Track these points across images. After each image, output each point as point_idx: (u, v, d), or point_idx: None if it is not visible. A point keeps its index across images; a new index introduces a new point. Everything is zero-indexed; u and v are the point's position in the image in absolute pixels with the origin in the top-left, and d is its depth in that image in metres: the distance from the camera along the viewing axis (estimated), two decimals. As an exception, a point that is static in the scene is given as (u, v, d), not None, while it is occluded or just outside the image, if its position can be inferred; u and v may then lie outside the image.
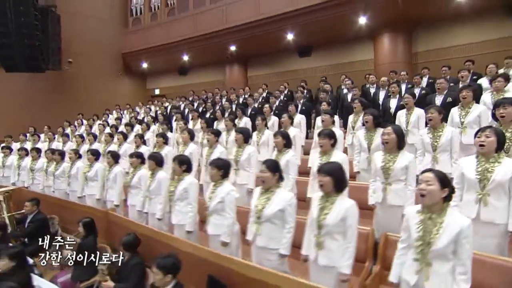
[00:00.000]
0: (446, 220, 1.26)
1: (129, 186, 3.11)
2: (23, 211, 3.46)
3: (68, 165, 4.07)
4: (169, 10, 8.65)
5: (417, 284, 1.30)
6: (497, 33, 5.43)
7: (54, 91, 8.97)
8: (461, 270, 1.22)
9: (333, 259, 1.56)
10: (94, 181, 3.62)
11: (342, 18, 5.82)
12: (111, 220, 3.07)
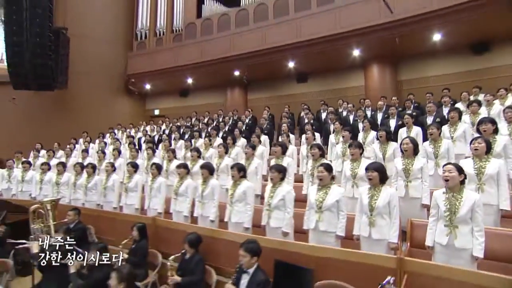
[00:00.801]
0: (464, 196, 1.92)
1: (176, 194, 3.54)
2: (65, 220, 3.73)
3: (101, 178, 4.41)
4: (174, 36, 9.35)
5: (448, 244, 1.92)
6: (465, 67, 6.62)
7: (55, 109, 9.19)
8: (477, 229, 1.86)
9: (383, 233, 2.14)
10: (133, 191, 4.00)
11: (338, 50, 6.80)
12: (159, 225, 3.44)
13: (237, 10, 8.12)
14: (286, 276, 2.20)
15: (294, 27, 6.83)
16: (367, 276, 1.89)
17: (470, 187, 2.39)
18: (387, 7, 5.29)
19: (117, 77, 10.28)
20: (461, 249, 1.88)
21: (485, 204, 2.29)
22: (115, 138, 7.12)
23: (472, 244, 1.86)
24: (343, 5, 6.45)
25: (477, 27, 5.84)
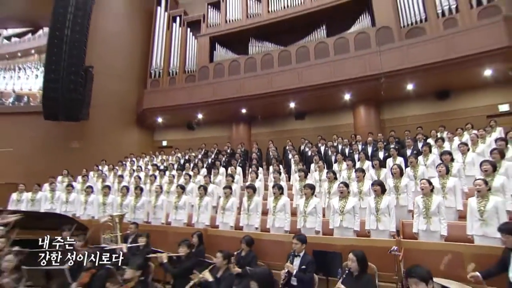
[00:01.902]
0: (433, 199, 3.21)
1: (223, 209, 4.61)
2: (128, 231, 4.64)
3: (148, 199, 5.40)
4: (187, 76, 10.78)
5: (426, 229, 3.16)
6: (433, 109, 8.39)
7: (72, 138, 9.99)
8: (442, 218, 3.14)
9: (386, 226, 3.37)
10: (182, 209, 5.01)
11: (331, 94, 8.41)
12: (210, 235, 4.45)
13: (246, 57, 9.76)
14: (323, 260, 3.32)
15: (296, 74, 8.44)
16: (378, 254, 3.05)
17: (438, 195, 3.72)
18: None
19: (130, 111, 11.40)
20: (434, 231, 3.13)
21: (448, 207, 3.62)
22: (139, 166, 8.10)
23: (440, 228, 3.12)
24: (336, 59, 8.18)
25: (439, 80, 7.64)
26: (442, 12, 7.89)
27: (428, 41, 7.25)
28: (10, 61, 9.65)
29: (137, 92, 11.51)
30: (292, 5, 9.75)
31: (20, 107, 9.89)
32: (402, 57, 7.35)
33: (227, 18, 10.68)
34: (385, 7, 8.17)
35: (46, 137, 9.78)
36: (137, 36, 12.00)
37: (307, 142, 7.86)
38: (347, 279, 2.53)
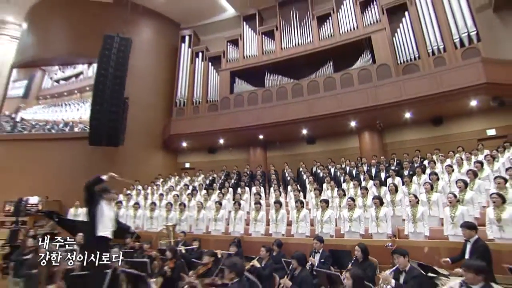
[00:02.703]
0: (418, 209, 4.40)
1: (255, 220, 5.82)
2: (178, 238, 5.86)
3: (190, 213, 6.66)
4: (209, 105, 12.32)
5: (414, 231, 4.33)
6: (429, 134, 9.59)
7: (106, 161, 11.37)
8: (425, 223, 4.31)
9: (384, 229, 4.55)
10: (220, 221, 6.24)
11: (339, 122, 9.73)
12: (245, 241, 5.64)
13: (263, 90, 11.26)
14: (337, 256, 4.47)
15: (307, 105, 9.82)
16: (378, 251, 4.20)
17: (423, 206, 4.91)
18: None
19: (157, 136, 12.88)
20: (419, 233, 4.31)
21: (432, 216, 4.79)
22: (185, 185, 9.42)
23: (424, 230, 4.30)
24: (342, 92, 9.57)
25: (433, 109, 8.91)
26: (432, 51, 9.31)
27: (421, 77, 8.60)
28: (58, 99, 11.34)
29: (163, 120, 13.05)
30: (302, 43, 11.36)
31: (67, 133, 11.44)
32: (399, 90, 8.69)
33: (244, 54, 12.33)
34: (383, 47, 9.64)
35: (87, 160, 11.19)
36: (164, 70, 13.74)
37: (318, 165, 9.11)
38: (354, 264, 3.71)
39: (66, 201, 10.29)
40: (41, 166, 11.19)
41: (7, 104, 11.97)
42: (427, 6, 9.71)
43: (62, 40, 12.94)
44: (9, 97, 11.97)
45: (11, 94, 12.01)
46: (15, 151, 11.61)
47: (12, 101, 11.93)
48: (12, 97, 11.97)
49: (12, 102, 11.92)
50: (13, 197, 10.25)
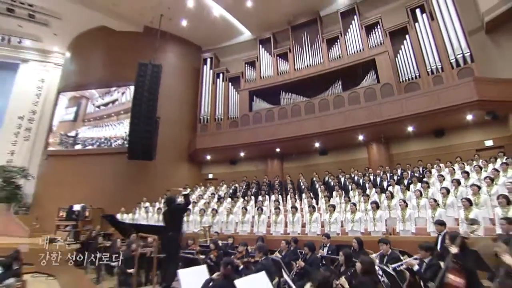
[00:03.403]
0: (407, 212, 5.60)
1: (275, 222, 7.14)
2: (213, 237, 7.25)
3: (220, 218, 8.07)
4: (230, 122, 13.85)
5: (404, 229, 5.53)
6: (431, 145, 10.63)
7: (141, 173, 13.03)
8: (413, 223, 5.51)
9: (379, 228, 5.76)
10: (246, 223, 7.61)
11: (348, 136, 10.94)
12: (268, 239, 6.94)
13: (279, 107, 12.68)
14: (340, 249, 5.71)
15: (319, 121, 11.10)
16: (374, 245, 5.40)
17: (412, 210, 6.08)
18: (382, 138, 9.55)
19: (183, 150, 14.50)
20: (407, 230, 5.51)
21: (421, 217, 5.96)
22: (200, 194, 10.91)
23: (411, 228, 5.50)
24: (350, 109, 10.81)
25: (433, 123, 9.96)
26: (431, 70, 10.42)
27: (420, 95, 9.72)
28: (99, 121, 13.29)
29: (189, 135, 14.69)
30: (313, 64, 12.73)
31: (107, 149, 13.26)
32: (400, 107, 9.83)
33: (261, 75, 13.83)
34: (385, 68, 10.85)
35: (125, 172, 12.89)
36: (188, 90, 15.45)
37: (330, 175, 10.36)
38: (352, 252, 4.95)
39: (107, 208, 11.99)
40: (86, 177, 12.99)
41: (63, 126, 14.08)
42: (425, 29, 10.87)
43: (100, 67, 14.96)
44: (63, 120, 14.09)
45: (64, 118, 14.13)
46: (65, 165, 13.55)
47: (66, 123, 14.06)
48: (66, 121, 14.07)
49: (66, 125, 14.06)
50: (65, 205, 12.07)
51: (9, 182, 14.18)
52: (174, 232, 4.16)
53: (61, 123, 14.13)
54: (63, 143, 13.71)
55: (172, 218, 4.36)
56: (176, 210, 4.50)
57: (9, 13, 13.30)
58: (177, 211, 4.45)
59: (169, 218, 4.41)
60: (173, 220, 4.29)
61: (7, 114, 16.47)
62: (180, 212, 4.52)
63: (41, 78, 17.40)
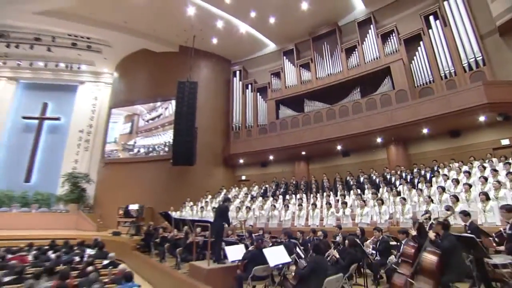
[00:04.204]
0: (406, 207, 6.91)
1: (298, 216, 8.72)
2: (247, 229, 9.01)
3: (252, 213, 9.81)
4: (259, 129, 15.58)
5: (401, 221, 6.85)
6: (447, 145, 11.46)
7: (183, 177, 15.19)
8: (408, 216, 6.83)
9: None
10: (275, 218, 9.28)
11: (368, 139, 12.13)
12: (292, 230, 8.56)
13: (303, 114, 14.16)
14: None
15: (339, 127, 12.41)
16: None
17: (410, 205, 7.34)
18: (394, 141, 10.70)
19: (218, 155, 16.49)
20: (406, 222, 6.83)
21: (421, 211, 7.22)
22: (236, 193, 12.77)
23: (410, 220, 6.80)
24: (368, 114, 11.98)
25: (447, 124, 10.83)
26: (444, 75, 11.27)
27: (432, 100, 10.66)
28: (148, 133, 15.72)
29: (223, 142, 16.66)
30: (333, 73, 14.01)
31: (155, 156, 15.68)
32: (414, 112, 10.85)
33: (286, 85, 15.37)
34: (400, 75, 11.86)
35: (169, 176, 15.15)
36: (221, 100, 17.44)
37: (350, 175, 11.68)
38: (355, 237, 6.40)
39: (156, 207, 14.30)
40: (138, 181, 15.44)
41: (122, 137, 16.93)
42: (439, 35, 11.70)
43: (144, 84, 17.47)
44: (123, 133, 16.95)
45: (123, 132, 16.96)
46: (119, 171, 16.21)
47: (125, 135, 16.90)
48: (124, 134, 16.86)
49: (125, 136, 16.91)
50: (121, 205, 14.59)
51: (76, 186, 17.18)
52: (220, 223, 5.92)
53: (121, 135, 16.91)
54: (125, 150, 16.52)
55: (219, 214, 6.14)
56: (221, 209, 6.28)
57: (72, 47, 16.18)
58: (221, 209, 6.22)
59: (217, 213, 6.20)
60: (219, 215, 6.07)
61: (70, 129, 19.67)
62: (224, 210, 6.24)
63: (95, 96, 20.43)
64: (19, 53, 16.60)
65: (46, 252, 6.65)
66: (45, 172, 18.92)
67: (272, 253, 4.44)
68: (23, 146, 19.09)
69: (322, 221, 8.38)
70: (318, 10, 14.08)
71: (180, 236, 7.91)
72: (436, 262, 3.37)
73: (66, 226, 14.91)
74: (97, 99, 20.48)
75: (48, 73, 19.73)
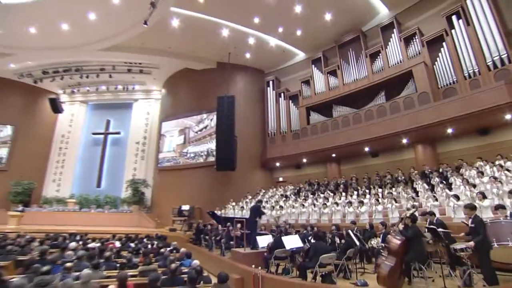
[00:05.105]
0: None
1: (323, 213, 10.18)
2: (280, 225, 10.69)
3: (286, 210, 11.49)
4: (293, 134, 17.14)
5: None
6: (475, 143, 11.85)
7: (225, 180, 17.32)
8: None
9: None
10: (305, 214, 10.84)
11: (397, 139, 12.99)
12: (317, 225, 10.04)
13: (331, 120, 15.40)
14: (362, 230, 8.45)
15: (365, 130, 13.44)
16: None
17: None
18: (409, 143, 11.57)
19: (256, 159, 18.35)
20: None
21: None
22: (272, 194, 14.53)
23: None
24: (391, 117, 12.86)
25: (472, 123, 11.30)
26: (468, 74, 11.70)
27: (454, 101, 11.23)
28: (198, 142, 18.30)
29: (260, 147, 18.50)
30: (359, 78, 15.00)
31: (202, 163, 18.15)
32: (438, 113, 11.51)
33: (315, 91, 16.69)
34: (422, 78, 12.50)
35: (214, 180, 17.40)
36: (256, 109, 19.29)
37: (377, 174, 12.72)
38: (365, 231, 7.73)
39: (204, 207, 16.59)
40: (187, 185, 17.97)
41: (178, 147, 19.68)
42: (462, 35, 12.10)
43: (188, 99, 20.05)
44: (178, 144, 19.73)
45: (178, 142, 19.75)
46: (171, 177, 18.97)
47: (180, 145, 19.67)
48: (179, 144, 19.65)
49: (180, 146, 19.66)
50: (174, 206, 17.20)
51: (137, 190, 20.41)
52: (253, 219, 7.72)
53: (178, 145, 19.71)
54: (182, 156, 19.29)
55: (252, 212, 7.97)
56: (254, 208, 8.10)
57: (128, 72, 19.39)
58: (254, 208, 8.04)
59: (251, 211, 8.03)
60: (253, 213, 7.90)
61: (129, 141, 23.17)
62: (256, 209, 8.05)
63: (147, 111, 23.70)
64: (88, 81, 20.30)
65: (126, 241, 9.05)
66: (111, 179, 22.62)
67: (288, 240, 6.10)
68: (94, 157, 23.04)
69: (344, 217, 9.73)
70: (342, 19, 15.13)
71: (224, 230, 9.88)
72: (398, 246, 4.74)
73: (130, 224, 17.96)
74: (149, 113, 23.72)
75: (109, 95, 23.48)
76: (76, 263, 5.08)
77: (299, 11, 14.41)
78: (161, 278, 4.08)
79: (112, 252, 6.73)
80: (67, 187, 22.24)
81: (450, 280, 5.05)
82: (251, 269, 5.86)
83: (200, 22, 15.41)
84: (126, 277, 3.87)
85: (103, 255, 5.96)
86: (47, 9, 14.02)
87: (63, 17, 14.98)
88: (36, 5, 13.73)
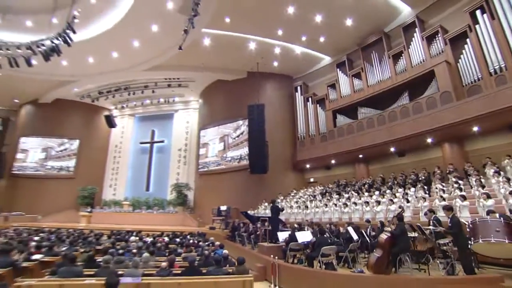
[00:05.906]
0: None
1: (343, 212, 11.19)
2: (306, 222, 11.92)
3: (311, 210, 12.67)
4: (321, 136, 18.13)
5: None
6: (506, 140, 11.85)
7: (259, 183, 18.81)
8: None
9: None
10: (328, 213, 11.95)
11: (421, 138, 13.41)
12: (338, 223, 11.10)
13: (356, 122, 16.13)
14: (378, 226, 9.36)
15: (389, 130, 14.01)
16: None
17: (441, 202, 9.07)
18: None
19: (287, 161, 19.61)
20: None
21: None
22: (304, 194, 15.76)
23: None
24: (415, 118, 13.28)
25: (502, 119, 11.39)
26: (494, 70, 11.72)
27: (477, 98, 11.43)
28: (234, 147, 20.20)
29: (291, 149, 19.73)
30: (383, 79, 15.53)
31: (237, 166, 19.92)
32: (460, 111, 11.81)
33: (341, 94, 17.49)
34: (443, 77, 12.71)
35: (249, 182, 18.99)
36: (286, 114, 20.55)
37: (402, 174, 13.30)
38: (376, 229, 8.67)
39: (240, 207, 18.26)
40: (225, 187, 19.86)
41: (219, 152, 21.65)
42: (486, 30, 12.08)
43: (222, 107, 21.95)
44: (220, 150, 21.75)
45: (219, 149, 21.76)
46: (211, 180, 21.04)
47: (221, 151, 21.63)
48: (220, 150, 21.68)
49: (221, 152, 21.61)
50: (214, 206, 19.14)
51: (180, 193, 22.88)
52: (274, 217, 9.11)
53: (219, 151, 21.69)
54: (223, 160, 21.27)
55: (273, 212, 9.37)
56: (273, 207, 9.49)
57: (168, 86, 21.91)
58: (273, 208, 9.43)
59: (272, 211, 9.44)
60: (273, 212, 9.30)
61: (172, 148, 25.87)
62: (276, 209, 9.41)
63: (187, 120, 26.19)
64: (135, 97, 23.26)
65: (173, 237, 11.00)
66: (158, 183, 25.50)
67: (301, 235, 7.39)
68: (142, 164, 26.15)
69: (363, 216, 10.66)
70: (363, 22, 15.71)
71: (254, 228, 11.40)
72: (385, 240, 5.81)
73: (176, 223, 20.32)
74: (189, 122, 26.18)
75: (152, 107, 26.42)
76: (137, 251, 6.95)
77: (319, 20, 15.42)
78: (196, 260, 5.68)
79: (162, 244, 8.59)
80: (121, 191, 25.59)
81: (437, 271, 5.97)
82: (270, 259, 7.27)
83: (228, 38, 17.14)
84: (174, 259, 5.54)
85: (156, 246, 7.82)
86: (101, 42, 16.97)
87: (113, 47, 17.89)
88: (92, 40, 16.80)
